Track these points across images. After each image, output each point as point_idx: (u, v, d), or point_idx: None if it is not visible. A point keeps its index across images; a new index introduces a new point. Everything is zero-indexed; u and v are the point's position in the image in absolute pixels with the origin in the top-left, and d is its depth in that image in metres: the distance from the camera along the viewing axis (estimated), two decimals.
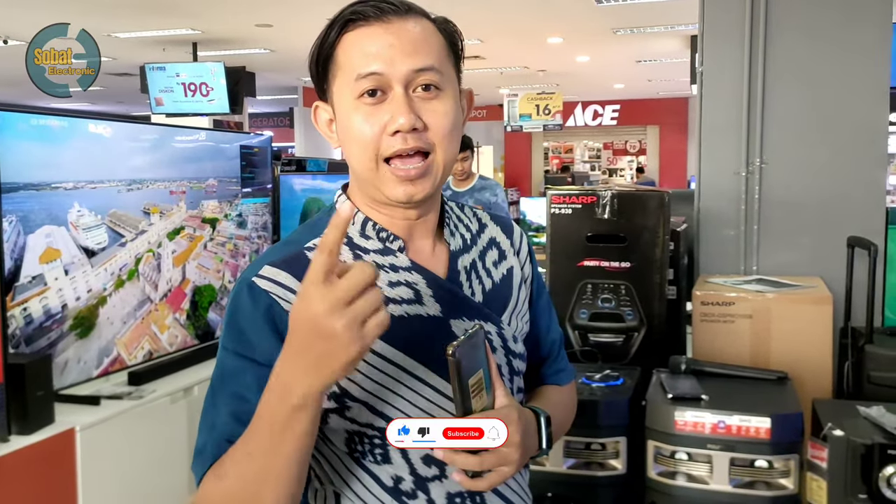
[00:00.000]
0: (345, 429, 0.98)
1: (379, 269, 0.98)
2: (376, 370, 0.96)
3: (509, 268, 1.12)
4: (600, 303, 2.49)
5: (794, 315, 2.46)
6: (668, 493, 1.80)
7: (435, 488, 0.99)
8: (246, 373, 0.93)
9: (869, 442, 1.64)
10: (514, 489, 1.08)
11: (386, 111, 0.95)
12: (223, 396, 0.94)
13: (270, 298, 0.94)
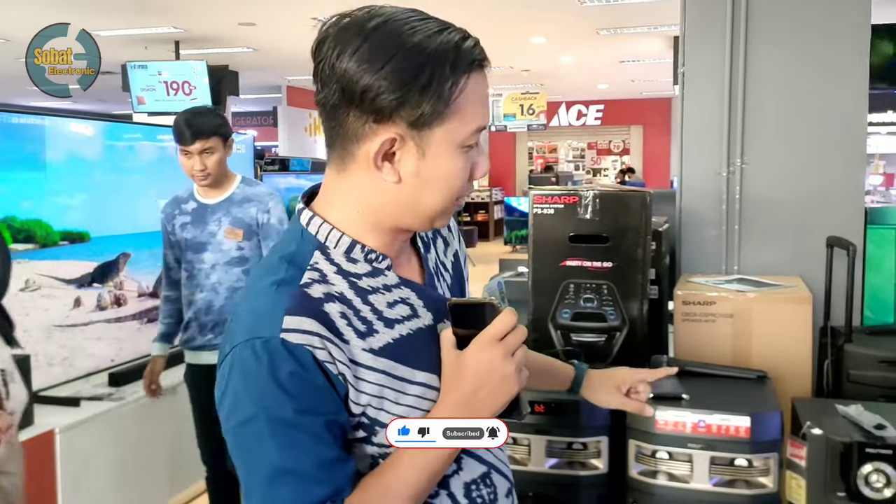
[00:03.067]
0: (370, 454, 0.99)
1: (373, 292, 1.00)
2: (401, 394, 0.99)
3: (455, 252, 1.20)
4: (582, 303, 2.49)
5: (775, 314, 2.48)
6: (649, 492, 1.80)
7: (454, 482, 1.04)
8: (318, 428, 0.92)
9: (847, 440, 1.66)
10: (508, 471, 1.15)
11: (473, 158, 0.99)
12: (300, 456, 0.91)
13: (310, 352, 0.92)
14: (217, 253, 2.83)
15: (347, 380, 0.94)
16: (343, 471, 0.94)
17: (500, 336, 0.96)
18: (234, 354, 0.93)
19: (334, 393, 0.93)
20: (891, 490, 1.62)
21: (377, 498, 0.95)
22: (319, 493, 0.92)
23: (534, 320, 2.55)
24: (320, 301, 0.95)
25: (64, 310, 3.14)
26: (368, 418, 0.97)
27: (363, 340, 0.96)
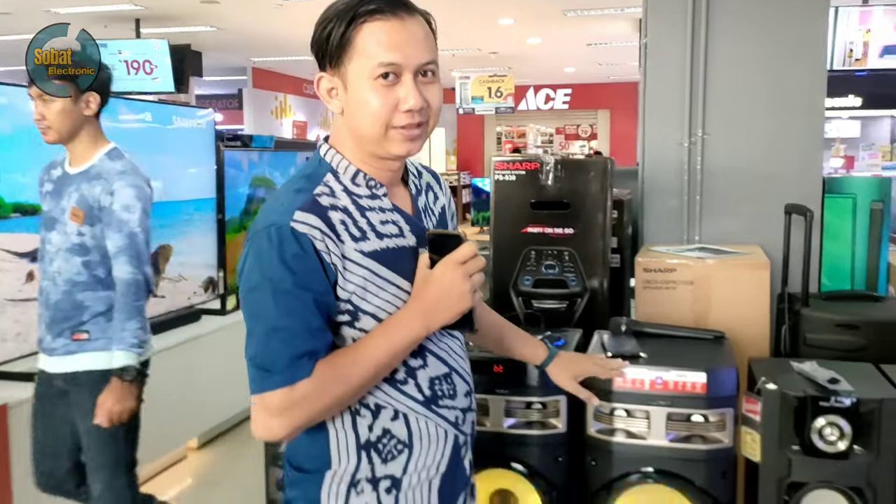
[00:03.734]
0: (352, 337, 1.24)
1: (370, 210, 1.27)
2: (381, 290, 1.25)
3: (443, 205, 1.45)
4: (544, 269, 2.49)
5: (733, 281, 2.49)
6: (606, 449, 1.81)
7: (420, 374, 1.30)
8: (307, 300, 1.18)
9: (801, 395, 1.67)
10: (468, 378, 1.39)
11: (399, 92, 1.23)
12: (292, 318, 1.17)
13: (311, 242, 1.18)
14: (62, 235, 2.31)
15: (338, 269, 1.21)
16: (323, 339, 1.20)
17: (462, 261, 1.22)
18: (253, 239, 1.21)
19: (325, 278, 1.19)
20: (844, 443, 1.64)
21: (346, 363, 1.21)
22: (303, 348, 1.17)
23: (495, 287, 2.55)
24: (326, 209, 1.22)
25: (17, 284, 3.05)
26: (353, 305, 1.23)
27: (356, 243, 1.23)
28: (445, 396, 1.33)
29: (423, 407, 1.31)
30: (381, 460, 1.29)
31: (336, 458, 1.28)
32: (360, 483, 1.29)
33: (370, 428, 1.28)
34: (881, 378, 1.78)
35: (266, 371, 1.18)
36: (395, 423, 1.29)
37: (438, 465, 1.33)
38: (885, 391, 1.69)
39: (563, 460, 1.86)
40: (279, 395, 1.17)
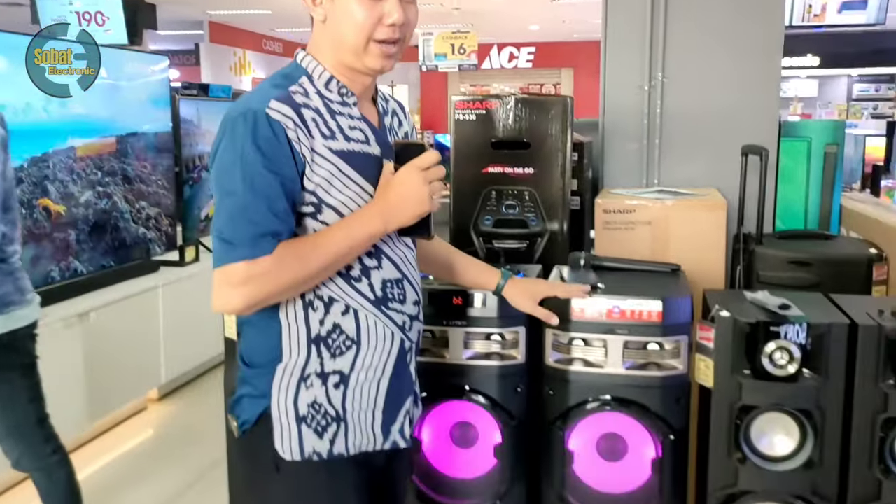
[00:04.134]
0: (314, 228, 1.33)
1: (340, 114, 1.36)
2: (345, 186, 1.34)
3: (406, 132, 1.56)
4: (504, 209, 2.49)
5: (691, 221, 2.52)
6: (564, 378, 1.83)
7: (374, 275, 1.39)
8: (275, 183, 1.26)
9: (753, 321, 1.71)
10: (418, 291, 1.48)
11: (384, 7, 1.31)
12: (258, 197, 1.25)
13: (284, 129, 1.27)
14: None
15: (307, 160, 1.30)
16: (287, 222, 1.28)
17: (424, 167, 1.32)
18: (228, 122, 1.29)
19: (294, 165, 1.29)
20: (794, 366, 1.68)
21: (307, 247, 1.29)
22: (267, 227, 1.25)
23: (456, 227, 2.55)
24: (300, 105, 1.31)
25: None
26: (317, 197, 1.32)
27: (325, 140, 1.32)
28: (395, 300, 1.41)
29: (373, 306, 1.38)
30: (330, 355, 1.36)
31: (287, 351, 1.35)
32: (309, 377, 1.35)
33: (321, 322, 1.35)
34: (830, 305, 1.82)
35: (230, 244, 1.25)
36: (345, 319, 1.36)
37: (385, 366, 1.41)
38: (834, 316, 1.73)
39: (522, 391, 1.88)
40: (240, 267, 1.24)
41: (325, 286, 1.35)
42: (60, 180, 3.38)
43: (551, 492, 1.89)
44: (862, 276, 2.28)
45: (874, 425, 1.68)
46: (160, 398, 4.18)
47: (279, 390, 1.35)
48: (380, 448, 1.43)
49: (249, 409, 1.38)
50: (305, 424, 1.35)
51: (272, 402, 1.35)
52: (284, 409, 1.34)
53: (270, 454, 1.35)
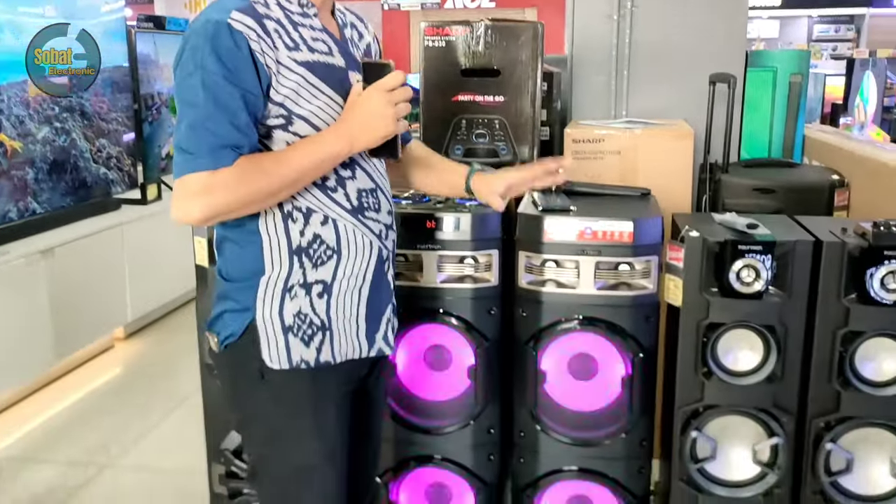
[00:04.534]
0: (286, 141, 1.34)
1: (302, 26, 1.36)
2: (313, 97, 1.34)
3: (367, 43, 1.55)
4: (475, 138, 2.49)
5: (659, 150, 2.55)
6: (537, 300, 1.86)
7: (349, 185, 1.41)
8: (236, 95, 1.26)
9: (722, 240, 1.74)
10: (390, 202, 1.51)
11: None
12: (218, 109, 1.25)
13: (246, 40, 1.27)
14: None
15: (272, 72, 1.29)
16: (248, 135, 1.28)
17: (388, 87, 1.31)
18: (191, 34, 1.28)
19: (257, 77, 1.28)
20: (760, 283, 1.73)
21: (269, 162, 1.29)
22: (227, 139, 1.25)
23: None
24: (262, 16, 1.30)
25: None
26: (286, 109, 1.32)
27: (289, 52, 1.32)
28: (371, 209, 1.44)
29: (350, 215, 1.41)
30: (311, 265, 1.38)
31: (269, 263, 1.37)
32: (293, 288, 1.38)
33: (301, 233, 1.37)
34: (795, 226, 1.87)
35: (190, 155, 1.26)
36: (324, 229, 1.38)
37: (365, 274, 1.44)
38: (799, 235, 1.78)
39: (496, 313, 1.91)
40: (200, 177, 1.25)
41: (303, 197, 1.36)
42: (16, 115, 3.28)
43: (524, 411, 1.94)
44: (824, 202, 2.34)
45: (835, 339, 1.75)
46: (127, 337, 4.15)
47: (264, 302, 1.36)
48: (366, 355, 1.46)
49: (233, 323, 1.40)
50: (292, 334, 1.37)
51: (257, 314, 1.37)
52: (270, 321, 1.36)
53: (256, 364, 1.38)
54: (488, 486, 1.98)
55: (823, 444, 1.79)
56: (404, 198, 1.98)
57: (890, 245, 1.68)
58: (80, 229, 3.64)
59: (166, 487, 2.75)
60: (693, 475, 1.86)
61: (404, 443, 1.99)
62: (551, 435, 1.92)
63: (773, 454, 1.82)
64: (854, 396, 1.76)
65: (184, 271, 4.47)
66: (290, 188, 1.32)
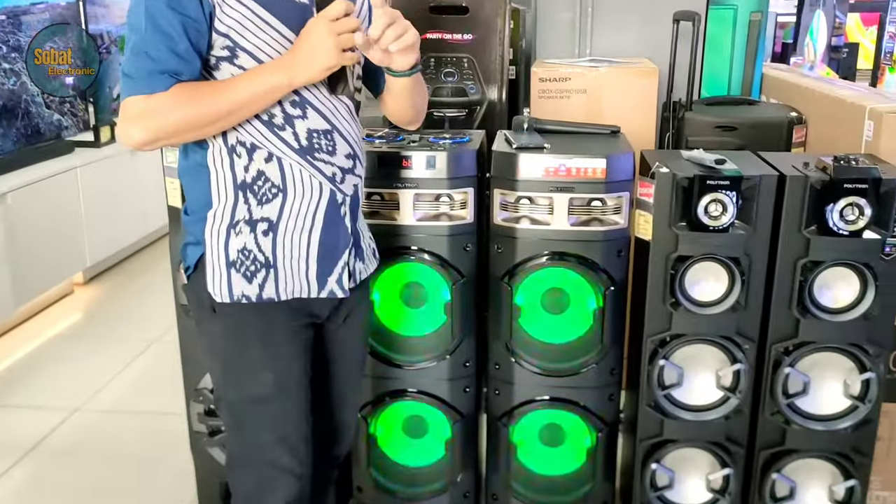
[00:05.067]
0: (232, 73, 1.34)
1: None
2: (260, 30, 1.33)
3: None
4: (443, 77, 2.49)
5: (624, 89, 2.59)
6: (511, 236, 1.90)
7: (299, 124, 1.39)
8: (176, 22, 1.27)
9: (691, 176, 1.80)
10: (355, 144, 1.49)
11: None
12: (158, 35, 1.27)
13: None
14: None
15: (214, 2, 1.30)
16: (187, 63, 1.30)
17: (331, 17, 1.30)
18: None
19: (200, 5, 1.29)
20: (726, 217, 1.79)
21: (206, 90, 1.31)
22: (165, 65, 1.28)
23: None
24: None
25: None
26: (231, 41, 1.33)
27: None
28: (323, 151, 1.42)
29: (297, 154, 1.40)
30: (257, 202, 1.40)
31: (216, 197, 1.40)
32: (238, 224, 1.40)
33: (246, 168, 1.39)
34: (759, 161, 1.93)
35: (130, 78, 1.29)
36: (269, 166, 1.39)
37: (315, 216, 1.43)
38: (764, 170, 1.84)
39: (471, 249, 1.94)
40: (137, 101, 1.28)
41: (247, 132, 1.37)
42: None
43: (499, 345, 2.00)
44: (783, 138, 2.41)
45: (795, 269, 1.83)
46: (86, 282, 4.10)
47: (211, 235, 1.41)
48: (315, 296, 1.47)
49: (191, 255, 1.47)
50: (235, 269, 1.41)
51: (206, 247, 1.42)
52: (217, 254, 1.41)
53: (207, 296, 1.43)
54: (464, 417, 2.04)
55: (782, 368, 1.89)
56: (378, 137, 1.99)
57: (850, 178, 1.75)
58: (33, 174, 3.56)
59: (141, 429, 2.77)
60: (660, 401, 1.95)
61: (382, 378, 2.03)
62: (525, 367, 1.98)
63: (736, 379, 1.92)
64: (812, 323, 1.85)
65: (141, 214, 4.42)
66: (227, 118, 1.33)
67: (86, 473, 2.50)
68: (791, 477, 1.97)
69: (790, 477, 1.97)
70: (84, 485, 2.44)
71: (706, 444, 1.97)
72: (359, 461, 2.10)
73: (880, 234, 1.78)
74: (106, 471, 2.50)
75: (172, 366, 2.22)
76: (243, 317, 1.44)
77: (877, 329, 1.85)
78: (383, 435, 2.10)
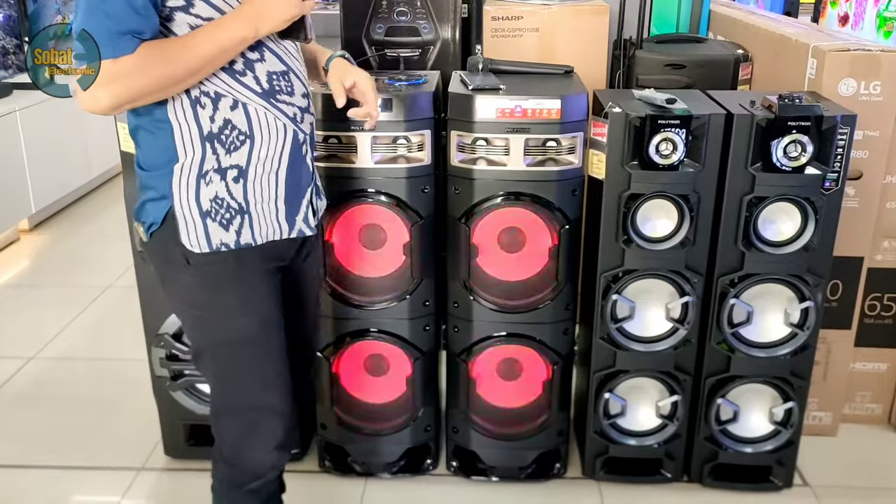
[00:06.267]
0: (188, 23, 1.31)
1: None
2: None
3: None
4: (396, 16, 2.46)
5: (576, 27, 2.60)
6: (468, 177, 1.93)
7: (258, 67, 1.39)
8: None
9: (643, 115, 1.84)
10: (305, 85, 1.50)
11: None
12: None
13: None
14: None
15: None
16: (147, 20, 1.26)
17: None
18: None
19: None
20: (677, 155, 1.85)
21: (174, 47, 1.29)
22: (126, 25, 1.24)
23: (347, 36, 2.50)
24: None
25: None
26: None
27: None
28: (283, 92, 1.43)
29: (261, 98, 1.40)
30: (225, 151, 1.39)
31: (182, 150, 1.38)
32: (208, 174, 1.39)
33: (212, 119, 1.37)
34: (709, 100, 1.98)
35: (88, 40, 1.24)
36: (234, 113, 1.38)
37: (281, 158, 1.45)
38: (712, 108, 1.90)
39: (429, 191, 1.97)
40: (103, 66, 1.24)
41: (210, 82, 1.36)
42: None
43: (457, 284, 2.04)
44: (729, 76, 2.46)
45: (741, 205, 1.90)
46: (32, 229, 4.01)
47: (180, 188, 1.39)
48: (286, 236, 1.51)
49: (154, 211, 1.43)
50: (210, 218, 1.41)
51: (174, 200, 1.39)
52: (188, 206, 1.40)
53: (179, 250, 1.42)
54: (424, 354, 2.10)
55: (728, 299, 1.98)
56: None
57: (793, 116, 1.82)
58: None
59: (101, 375, 2.77)
60: (612, 334, 2.03)
61: (343, 319, 2.07)
62: (483, 304, 2.04)
63: (684, 311, 2.01)
64: (756, 256, 1.94)
65: (86, 158, 4.30)
66: (196, 75, 1.31)
67: (45, 420, 2.50)
68: (735, 401, 2.09)
69: (734, 401, 2.09)
70: (44, 431, 2.44)
71: (656, 373, 2.07)
72: (322, 399, 2.15)
73: (821, 170, 1.85)
74: (66, 418, 2.50)
75: (127, 312, 2.22)
76: (220, 264, 1.44)
77: (816, 260, 1.94)
78: (346, 373, 2.15)
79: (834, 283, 2.25)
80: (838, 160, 1.87)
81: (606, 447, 2.16)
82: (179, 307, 1.56)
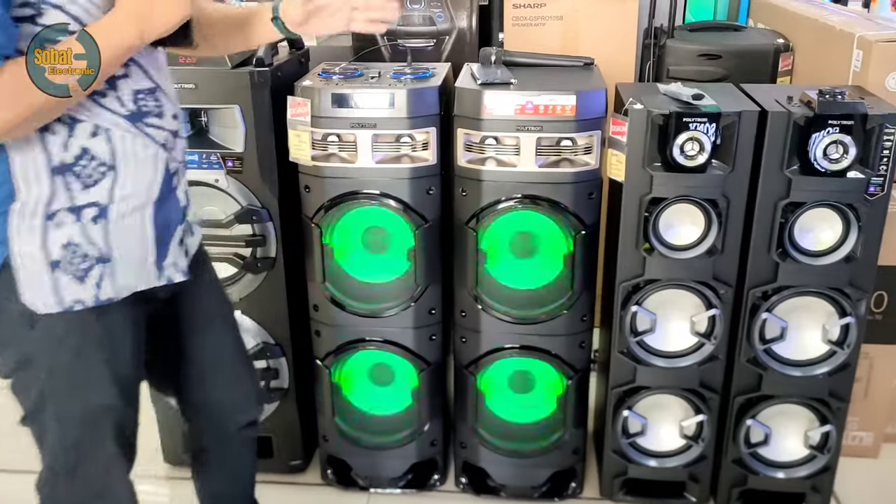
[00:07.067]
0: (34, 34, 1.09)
1: None
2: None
3: None
4: (409, 4, 2.34)
5: (603, 15, 2.44)
6: (477, 178, 1.79)
7: (122, 85, 1.18)
8: None
9: (666, 112, 1.68)
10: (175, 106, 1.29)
11: None
12: None
13: None
14: None
15: None
16: (4, 30, 1.04)
17: None
18: None
19: None
20: (703, 156, 1.68)
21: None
22: None
23: None
24: None
25: None
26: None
27: None
28: (152, 114, 1.22)
29: (127, 122, 1.19)
30: (81, 186, 1.16)
31: (23, 184, 1.14)
32: (57, 214, 1.16)
33: (65, 147, 1.14)
34: (741, 95, 1.81)
35: None
36: (94, 141, 1.16)
37: (150, 191, 1.23)
38: (744, 105, 1.73)
39: (435, 193, 1.83)
40: None
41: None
42: None
43: (464, 291, 1.91)
44: (769, 67, 2.29)
45: (775, 211, 1.73)
46: None
47: (20, 233, 1.15)
48: (155, 285, 1.30)
49: None
50: (60, 270, 1.18)
51: (12, 249, 1.16)
52: (30, 256, 1.16)
53: (19, 309, 1.18)
54: (430, 365, 1.97)
55: (759, 313, 1.81)
56: (334, 73, 1.85)
57: (834, 114, 1.64)
58: None
59: None
60: (632, 348, 1.88)
61: (345, 326, 1.95)
62: (492, 314, 1.90)
63: (711, 325, 1.85)
64: (791, 267, 1.77)
65: None
66: (71, 99, 1.11)
67: None
68: (766, 423, 1.93)
69: (765, 423, 1.93)
70: None
71: (680, 390, 1.92)
72: (323, 410, 2.05)
73: (865, 174, 1.67)
74: None
75: None
76: (75, 325, 1.21)
77: (858, 272, 1.77)
78: (347, 383, 2.04)
79: (879, 294, 2.07)
80: (884, 163, 1.69)
81: (625, 467, 2.01)
82: (19, 370, 1.26)
